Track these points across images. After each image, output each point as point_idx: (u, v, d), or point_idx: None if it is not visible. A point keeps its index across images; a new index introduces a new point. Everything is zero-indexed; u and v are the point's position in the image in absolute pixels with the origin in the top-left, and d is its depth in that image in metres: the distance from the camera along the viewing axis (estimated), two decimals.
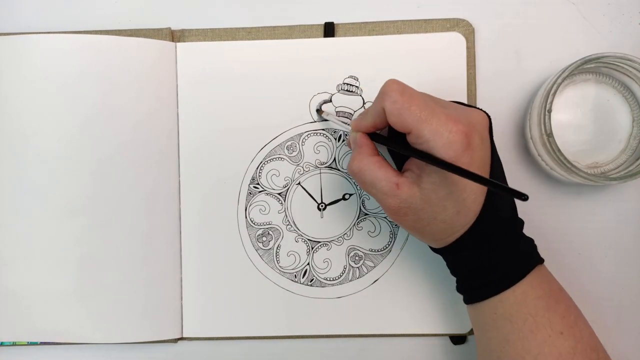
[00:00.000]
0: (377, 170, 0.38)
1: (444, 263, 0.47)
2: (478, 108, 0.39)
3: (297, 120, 0.48)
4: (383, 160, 0.39)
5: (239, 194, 0.49)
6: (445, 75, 0.48)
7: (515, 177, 0.48)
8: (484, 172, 0.37)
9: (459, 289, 0.42)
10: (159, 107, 0.48)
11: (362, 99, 0.48)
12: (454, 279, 0.44)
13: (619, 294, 0.48)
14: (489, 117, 0.39)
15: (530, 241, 0.40)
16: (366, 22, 0.49)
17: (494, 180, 0.35)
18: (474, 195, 0.37)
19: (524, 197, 0.32)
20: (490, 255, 0.38)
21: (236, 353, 0.49)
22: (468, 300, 0.41)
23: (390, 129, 0.40)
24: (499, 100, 0.48)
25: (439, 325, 0.48)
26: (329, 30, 0.49)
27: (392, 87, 0.37)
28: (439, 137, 0.35)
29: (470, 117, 0.37)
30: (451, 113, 0.36)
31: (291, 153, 0.48)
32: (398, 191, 0.37)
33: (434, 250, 0.41)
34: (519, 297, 0.38)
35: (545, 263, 0.40)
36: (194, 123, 0.49)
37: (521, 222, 0.40)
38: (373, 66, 0.48)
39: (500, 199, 0.38)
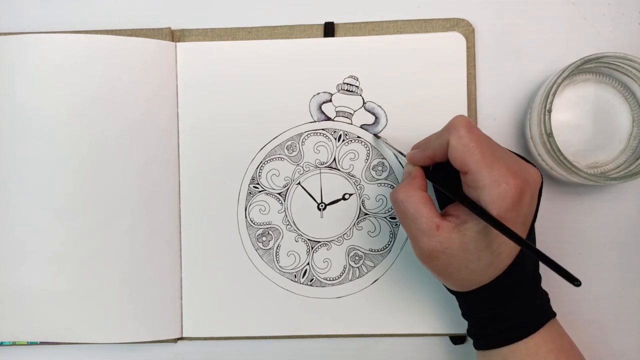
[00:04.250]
0: (422, 206, 0.37)
1: None
2: (531, 164, 0.39)
3: (297, 120, 0.48)
4: (430, 198, 0.38)
5: (239, 193, 0.49)
6: (445, 75, 0.48)
7: None
8: (525, 229, 0.37)
9: (470, 333, 0.42)
10: (158, 107, 0.48)
11: (362, 98, 0.48)
12: None
13: (619, 294, 0.48)
14: (541, 175, 0.39)
15: (545, 294, 0.41)
16: (366, 22, 0.49)
17: (529, 242, 0.35)
18: (508, 250, 0.37)
19: (576, 283, 0.31)
20: (508, 305, 0.38)
21: (236, 353, 0.49)
22: (478, 347, 0.41)
23: (438, 166, 0.40)
24: (499, 100, 0.48)
25: (439, 325, 0.48)
26: (329, 30, 0.49)
27: (460, 123, 0.36)
28: (495, 186, 0.35)
29: (526, 173, 0.36)
30: (511, 165, 0.36)
31: (291, 153, 0.49)
32: (436, 232, 0.36)
33: (451, 291, 0.42)
34: (531, 349, 0.38)
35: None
36: (194, 123, 0.49)
37: (539, 277, 0.41)
38: (373, 66, 0.48)
39: (529, 256, 0.38)
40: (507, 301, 0.38)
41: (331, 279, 0.48)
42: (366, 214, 0.48)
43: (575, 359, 0.40)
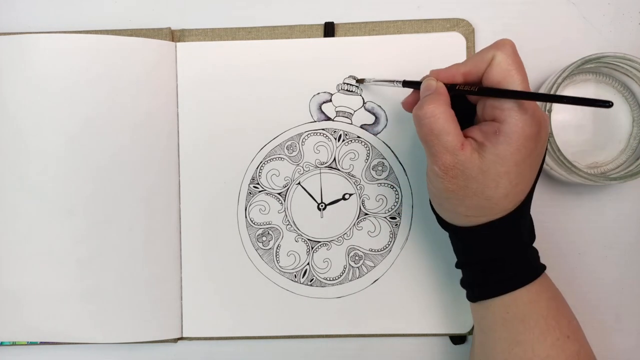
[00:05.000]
0: (451, 122, 0.36)
1: (444, 263, 0.47)
2: None
3: (297, 120, 0.48)
4: (455, 116, 0.37)
5: (239, 193, 0.49)
6: None
7: None
8: (538, 165, 0.37)
9: (467, 283, 0.41)
10: (158, 107, 0.48)
11: (362, 98, 0.48)
12: (454, 279, 0.43)
13: (619, 294, 0.48)
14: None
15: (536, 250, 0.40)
16: (366, 22, 0.49)
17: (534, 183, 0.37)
18: (525, 184, 0.37)
19: (609, 104, 0.31)
20: (512, 249, 0.38)
21: (236, 353, 0.49)
22: (476, 297, 0.40)
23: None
24: None
25: (439, 325, 0.48)
26: (329, 30, 0.49)
27: (510, 43, 0.37)
28: (523, 112, 0.35)
29: (543, 112, 0.37)
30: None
31: (291, 153, 0.49)
32: (461, 151, 0.36)
33: (450, 228, 0.40)
34: (534, 296, 0.38)
35: (545, 263, 0.40)
36: (194, 123, 0.49)
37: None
38: (373, 66, 0.48)
39: (531, 197, 0.38)
40: (512, 243, 0.38)
41: (331, 279, 0.48)
42: (366, 214, 0.48)
43: (569, 307, 0.40)
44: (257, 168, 0.49)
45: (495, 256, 0.38)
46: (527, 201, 0.38)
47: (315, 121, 0.48)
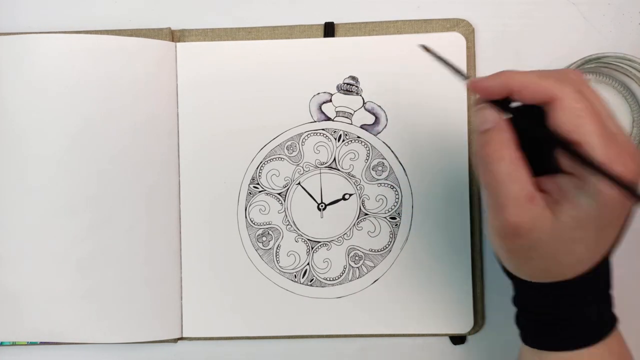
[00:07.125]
0: (519, 168, 0.29)
1: (444, 263, 0.47)
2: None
3: (297, 120, 0.48)
4: (524, 161, 0.30)
5: (238, 194, 0.49)
6: (445, 75, 0.47)
7: None
8: (623, 226, 0.32)
9: (521, 326, 0.36)
10: (159, 107, 0.48)
11: (362, 98, 0.48)
12: (454, 280, 0.43)
13: (619, 294, 0.48)
14: None
15: (611, 297, 0.36)
16: (366, 22, 0.49)
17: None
18: (604, 246, 0.31)
19: None
20: (583, 309, 0.33)
21: (236, 353, 0.49)
22: (530, 343, 0.35)
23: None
24: None
25: (439, 325, 0.48)
26: (329, 30, 0.49)
27: (580, 80, 0.29)
28: (609, 167, 0.28)
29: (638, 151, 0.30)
30: (624, 141, 0.29)
31: (291, 153, 0.49)
32: (529, 205, 0.29)
33: (511, 277, 0.35)
34: (596, 358, 0.34)
35: None
36: (194, 123, 0.49)
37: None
38: (373, 66, 0.48)
39: (611, 253, 0.34)
40: (583, 304, 0.33)
41: (331, 279, 0.48)
42: (366, 214, 0.48)
43: None
44: (257, 168, 0.49)
45: (562, 315, 0.33)
46: (606, 260, 0.33)
47: (315, 121, 0.48)
